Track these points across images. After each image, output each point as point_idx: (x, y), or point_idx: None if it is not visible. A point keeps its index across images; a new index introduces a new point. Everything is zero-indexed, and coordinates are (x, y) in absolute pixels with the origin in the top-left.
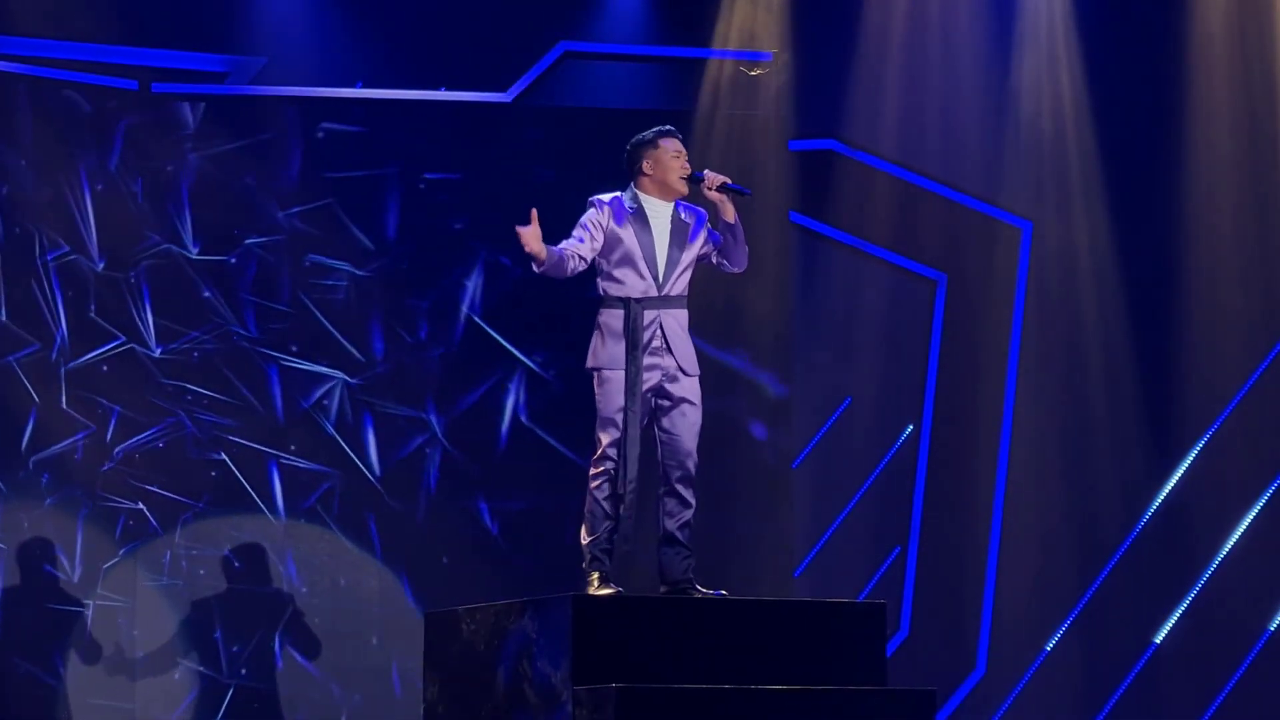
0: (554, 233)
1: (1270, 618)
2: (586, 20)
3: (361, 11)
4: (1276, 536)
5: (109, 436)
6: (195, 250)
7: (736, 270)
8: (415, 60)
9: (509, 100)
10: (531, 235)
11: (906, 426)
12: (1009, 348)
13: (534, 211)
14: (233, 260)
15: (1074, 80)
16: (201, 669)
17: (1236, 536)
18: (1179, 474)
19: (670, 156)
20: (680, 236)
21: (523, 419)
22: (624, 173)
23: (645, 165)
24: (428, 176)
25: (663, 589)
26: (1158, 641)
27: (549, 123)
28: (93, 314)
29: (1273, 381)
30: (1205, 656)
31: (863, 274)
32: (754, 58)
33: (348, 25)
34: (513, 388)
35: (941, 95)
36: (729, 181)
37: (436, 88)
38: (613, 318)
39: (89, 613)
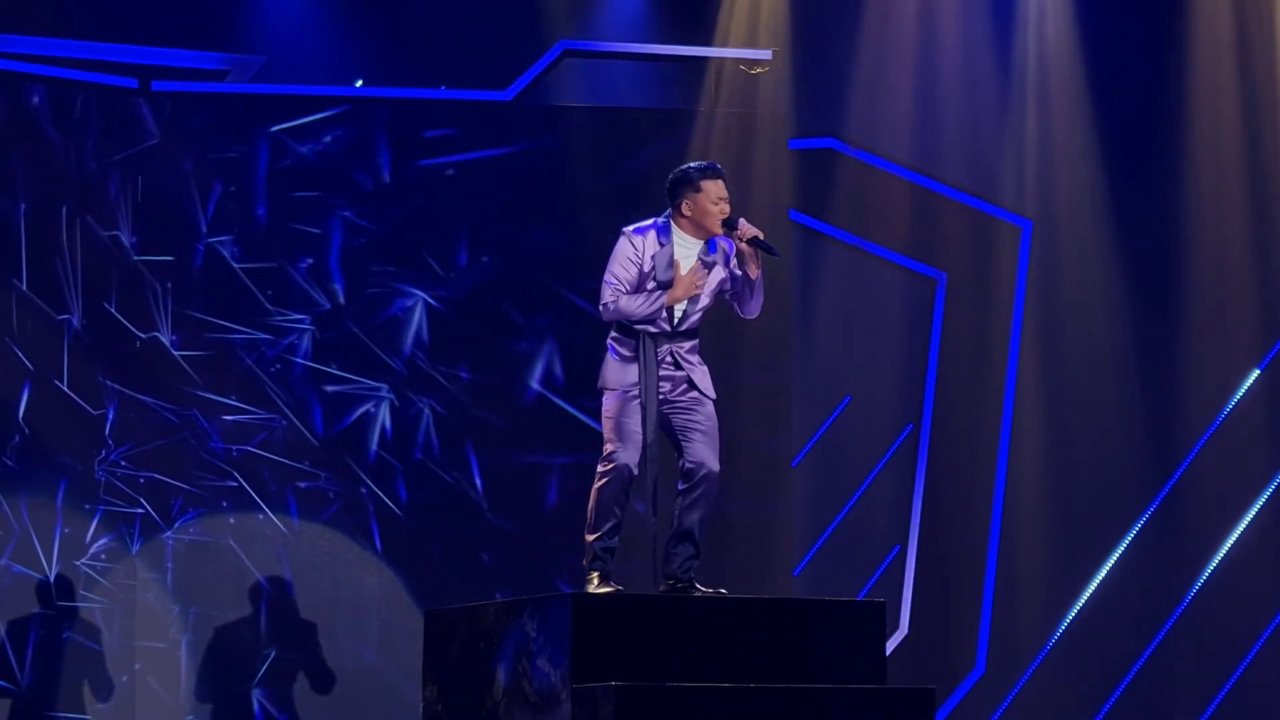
0: (562, 235)
1: (1270, 618)
2: (586, 19)
3: (361, 10)
4: (1276, 536)
5: (108, 429)
6: (235, 252)
7: (746, 317)
8: (414, 59)
9: (508, 99)
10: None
11: (906, 425)
12: (1009, 346)
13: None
14: (274, 266)
15: (1074, 79)
16: (164, 694)
17: (1236, 536)
18: (1179, 473)
19: (711, 202)
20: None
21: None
22: (626, 173)
23: (684, 206)
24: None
25: (662, 585)
26: (1157, 641)
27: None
28: (112, 308)
29: (1273, 380)
30: (1204, 656)
31: (862, 273)
32: (754, 56)
33: (347, 23)
34: (560, 462)
35: (941, 94)
36: (760, 236)
37: (436, 86)
38: (625, 345)
39: (64, 614)
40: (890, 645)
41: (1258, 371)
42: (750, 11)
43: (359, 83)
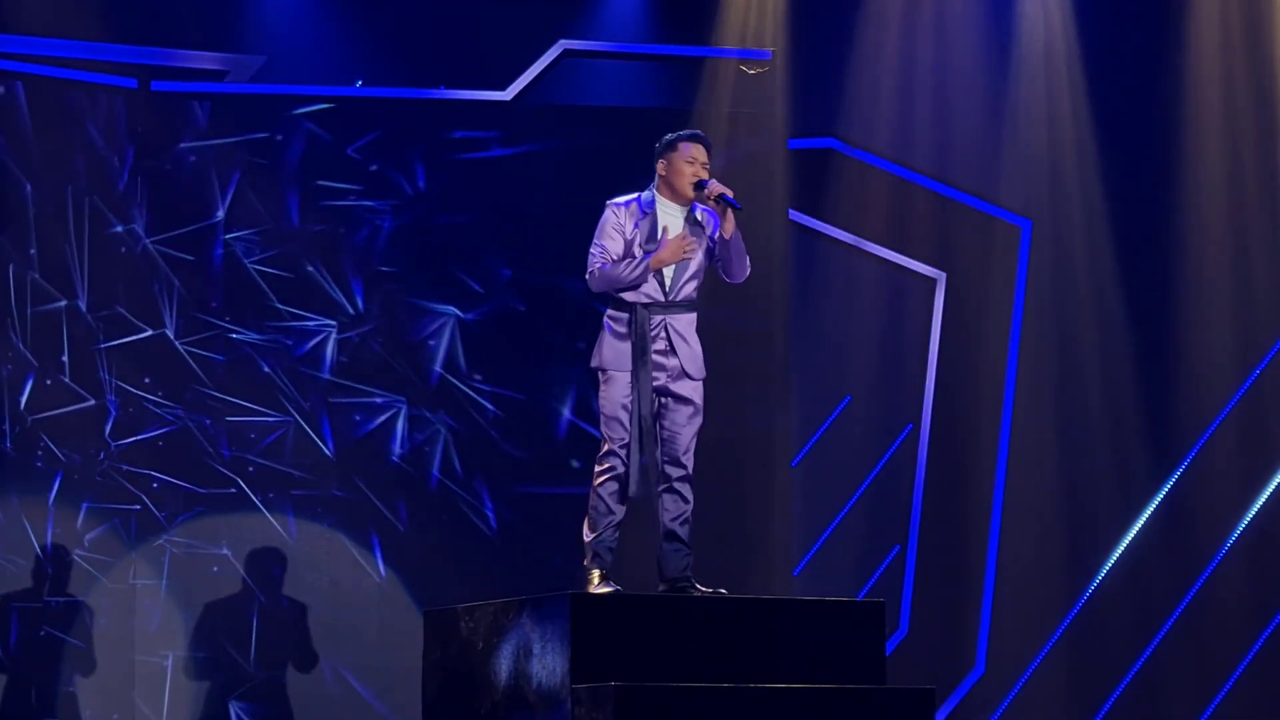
0: (558, 228)
1: (1270, 618)
2: (586, 19)
3: (361, 10)
4: (1276, 536)
5: (109, 425)
6: (254, 255)
7: (733, 281)
8: (414, 59)
9: (508, 99)
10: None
11: (906, 425)
12: (1008, 346)
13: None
14: (290, 276)
15: (1072, 78)
16: (157, 696)
17: (1236, 536)
18: (1178, 473)
19: (684, 162)
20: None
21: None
22: (627, 170)
23: (660, 167)
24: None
25: (661, 587)
26: (1157, 641)
27: (548, 121)
28: (119, 305)
29: (1272, 380)
30: (1204, 656)
31: (862, 272)
32: (753, 56)
33: (347, 23)
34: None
35: (940, 93)
36: (726, 193)
37: (436, 86)
38: (619, 321)
39: (55, 609)
40: (890, 645)
41: (1258, 370)
42: (750, 11)
43: (359, 83)
